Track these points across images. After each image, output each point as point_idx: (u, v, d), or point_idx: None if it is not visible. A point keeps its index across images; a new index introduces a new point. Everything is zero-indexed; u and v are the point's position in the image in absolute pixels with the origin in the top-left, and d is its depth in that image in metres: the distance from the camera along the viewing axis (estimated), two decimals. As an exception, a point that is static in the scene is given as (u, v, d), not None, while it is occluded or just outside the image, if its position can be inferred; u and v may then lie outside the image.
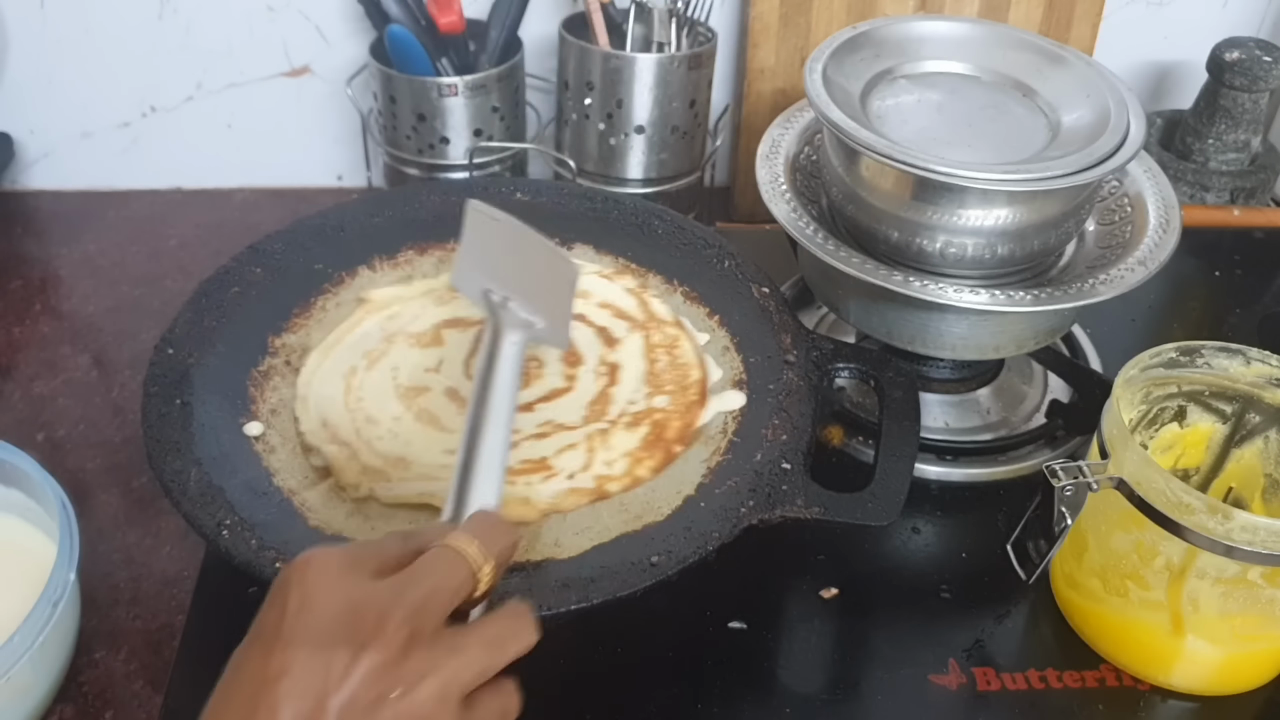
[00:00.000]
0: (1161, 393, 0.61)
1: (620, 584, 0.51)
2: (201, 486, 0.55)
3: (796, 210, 0.67)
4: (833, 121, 0.63)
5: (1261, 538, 0.51)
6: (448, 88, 0.86)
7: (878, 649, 0.61)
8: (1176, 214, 0.68)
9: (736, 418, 0.62)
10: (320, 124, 1.00)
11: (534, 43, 0.93)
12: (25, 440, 0.73)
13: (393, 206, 0.73)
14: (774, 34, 0.94)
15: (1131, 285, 0.63)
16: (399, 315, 0.68)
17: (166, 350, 0.61)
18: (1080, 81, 0.67)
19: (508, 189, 0.75)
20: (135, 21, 0.93)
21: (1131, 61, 1.06)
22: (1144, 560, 0.55)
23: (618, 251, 0.73)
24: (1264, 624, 0.55)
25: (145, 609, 0.63)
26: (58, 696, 0.58)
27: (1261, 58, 0.91)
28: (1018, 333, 0.67)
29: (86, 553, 0.65)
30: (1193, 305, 0.88)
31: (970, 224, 0.63)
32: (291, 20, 0.94)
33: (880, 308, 0.67)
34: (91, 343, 0.82)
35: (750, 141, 0.98)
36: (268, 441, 0.60)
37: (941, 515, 0.68)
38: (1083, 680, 0.59)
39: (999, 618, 0.62)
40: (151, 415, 0.58)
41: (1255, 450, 0.62)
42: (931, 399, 0.73)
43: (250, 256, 0.68)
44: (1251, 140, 0.96)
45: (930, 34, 0.71)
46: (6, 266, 0.89)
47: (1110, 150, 0.62)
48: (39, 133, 0.98)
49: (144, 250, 0.92)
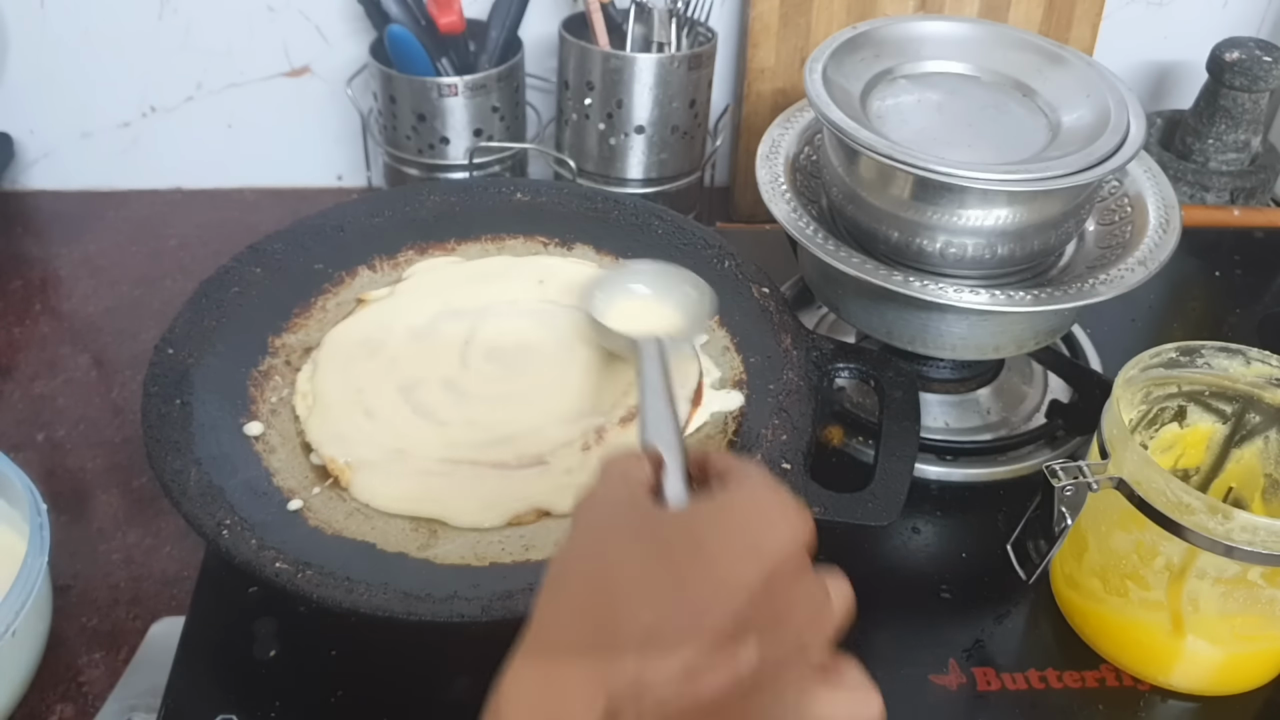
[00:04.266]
0: (1161, 393, 0.61)
1: (620, 584, 0.51)
2: (201, 486, 0.54)
3: (796, 210, 0.67)
4: (833, 121, 0.63)
5: (1261, 538, 0.51)
6: (448, 88, 0.86)
7: (878, 649, 0.61)
8: (1176, 214, 0.68)
9: (736, 418, 0.62)
10: (320, 124, 1.00)
11: (534, 43, 0.93)
12: (25, 440, 0.73)
13: (393, 206, 0.73)
14: (774, 34, 0.94)
15: (1131, 285, 0.63)
16: (397, 308, 0.68)
17: (166, 350, 0.61)
18: (1080, 81, 0.67)
19: (508, 189, 0.75)
20: (135, 22, 0.93)
21: (1131, 61, 1.06)
22: (1144, 560, 0.55)
23: (618, 252, 0.72)
24: (1264, 624, 0.55)
25: (145, 609, 0.63)
26: (58, 696, 0.58)
27: (1261, 58, 0.91)
28: (1018, 333, 0.67)
29: (86, 552, 0.66)
30: (1193, 305, 0.88)
31: (970, 224, 0.63)
32: (291, 20, 0.94)
33: (880, 308, 0.67)
34: (91, 343, 0.82)
35: (750, 141, 0.98)
36: (268, 441, 0.60)
37: (941, 515, 0.68)
38: (1083, 680, 0.59)
39: (999, 618, 0.62)
40: (151, 415, 0.58)
41: (1255, 450, 0.62)
42: (931, 399, 0.73)
43: (250, 256, 0.68)
44: (1251, 140, 0.96)
45: (930, 34, 0.71)
46: (6, 266, 0.90)
47: (1110, 150, 0.62)
48: (39, 133, 0.98)
49: (144, 250, 0.92)
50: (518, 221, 0.73)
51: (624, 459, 0.41)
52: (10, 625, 0.54)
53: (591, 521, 0.39)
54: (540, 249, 0.73)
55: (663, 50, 0.88)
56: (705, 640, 0.34)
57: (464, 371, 0.63)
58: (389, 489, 0.57)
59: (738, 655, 0.34)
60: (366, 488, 0.57)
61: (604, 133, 0.89)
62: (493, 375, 0.63)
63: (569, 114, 0.90)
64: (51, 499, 0.60)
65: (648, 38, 0.90)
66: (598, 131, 0.89)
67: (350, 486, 0.57)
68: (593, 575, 0.36)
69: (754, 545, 0.36)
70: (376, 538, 0.55)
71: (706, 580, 0.35)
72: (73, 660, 0.60)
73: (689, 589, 0.35)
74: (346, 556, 0.53)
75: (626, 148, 0.89)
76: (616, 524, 0.38)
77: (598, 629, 0.34)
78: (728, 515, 0.38)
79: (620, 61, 0.86)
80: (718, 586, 0.35)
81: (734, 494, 0.39)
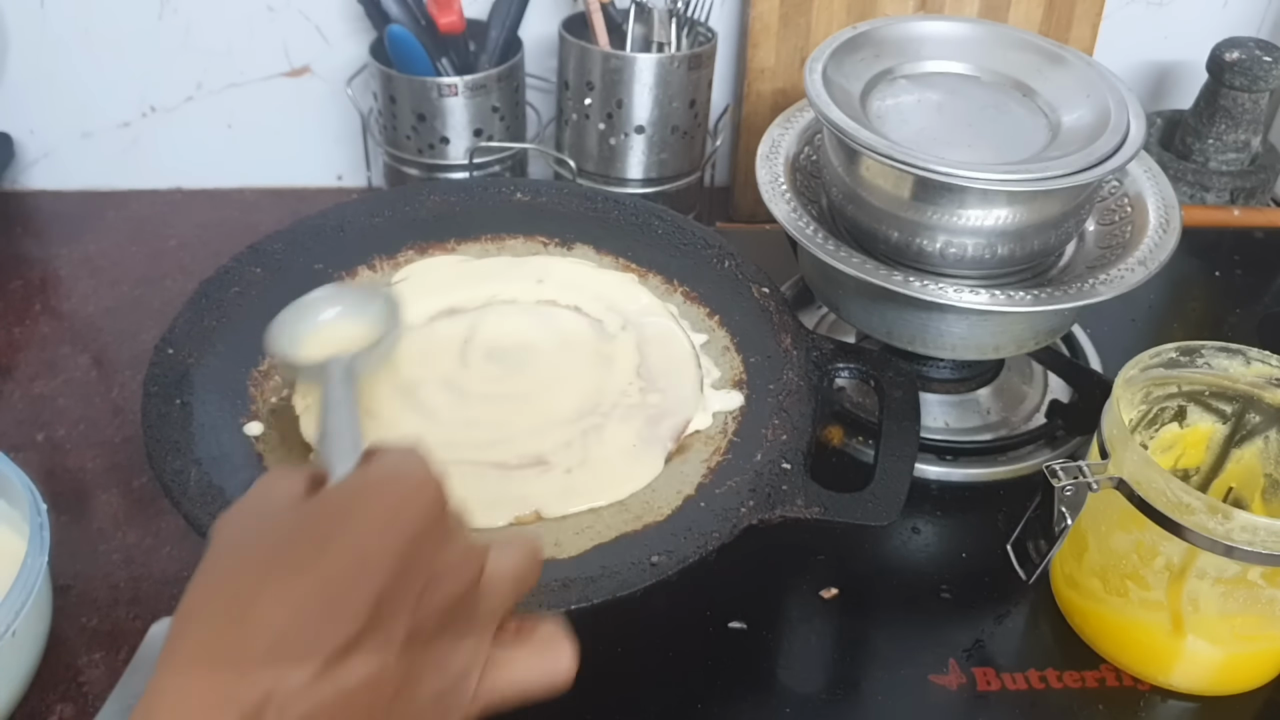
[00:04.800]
0: (1161, 393, 0.61)
1: (620, 584, 0.51)
2: (201, 486, 0.54)
3: (796, 210, 0.67)
4: (833, 121, 0.63)
5: (1261, 538, 0.51)
6: (448, 88, 0.86)
7: (878, 649, 0.61)
8: (1176, 214, 0.68)
9: (736, 418, 0.62)
10: (320, 124, 1.00)
11: (534, 43, 0.93)
12: (25, 440, 0.73)
13: (393, 206, 0.73)
14: (774, 34, 0.94)
15: (1131, 285, 0.63)
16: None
17: (166, 350, 0.61)
18: (1080, 81, 0.67)
19: (508, 189, 0.75)
20: (135, 22, 0.93)
21: (1131, 61, 1.06)
22: (1144, 560, 0.55)
23: (618, 252, 0.72)
24: (1264, 624, 0.55)
25: (145, 609, 0.63)
26: (58, 696, 0.58)
27: (1261, 58, 0.91)
28: (1018, 333, 0.67)
29: (86, 552, 0.66)
30: (1193, 305, 0.88)
31: (970, 224, 0.63)
32: (291, 20, 0.94)
33: (880, 308, 0.67)
34: (91, 343, 0.82)
35: (750, 141, 0.98)
36: (268, 441, 0.60)
37: (941, 515, 0.68)
38: (1083, 680, 0.59)
39: (999, 618, 0.62)
40: (151, 415, 0.57)
41: (1255, 450, 0.62)
42: (931, 399, 0.73)
43: (250, 256, 0.68)
44: (1251, 140, 0.96)
45: (930, 34, 0.71)
46: (6, 266, 0.89)
47: (1110, 150, 0.62)
48: (39, 133, 0.98)
49: (144, 250, 0.92)
50: (518, 221, 0.73)
51: (273, 474, 0.39)
52: (10, 625, 0.54)
53: (226, 530, 0.36)
54: (540, 249, 0.73)
55: (663, 50, 0.88)
56: (345, 630, 0.32)
57: (463, 371, 0.63)
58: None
59: (387, 638, 0.33)
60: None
61: (604, 133, 0.89)
62: (492, 375, 0.63)
63: (569, 114, 0.90)
64: (51, 499, 0.60)
65: (648, 38, 0.90)
66: (598, 131, 0.89)
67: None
68: (222, 581, 0.34)
69: (388, 518, 0.34)
70: (376, 538, 0.55)
71: (339, 563, 0.33)
72: (73, 660, 0.60)
73: (322, 576, 0.33)
74: (346, 556, 0.53)
75: (626, 148, 0.89)
76: (249, 527, 0.36)
77: (225, 640, 0.32)
78: (358, 495, 0.36)
79: (620, 61, 0.86)
80: (354, 568, 0.33)
81: (365, 471, 0.38)
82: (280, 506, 0.36)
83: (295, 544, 0.34)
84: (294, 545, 0.34)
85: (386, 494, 0.36)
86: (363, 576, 0.33)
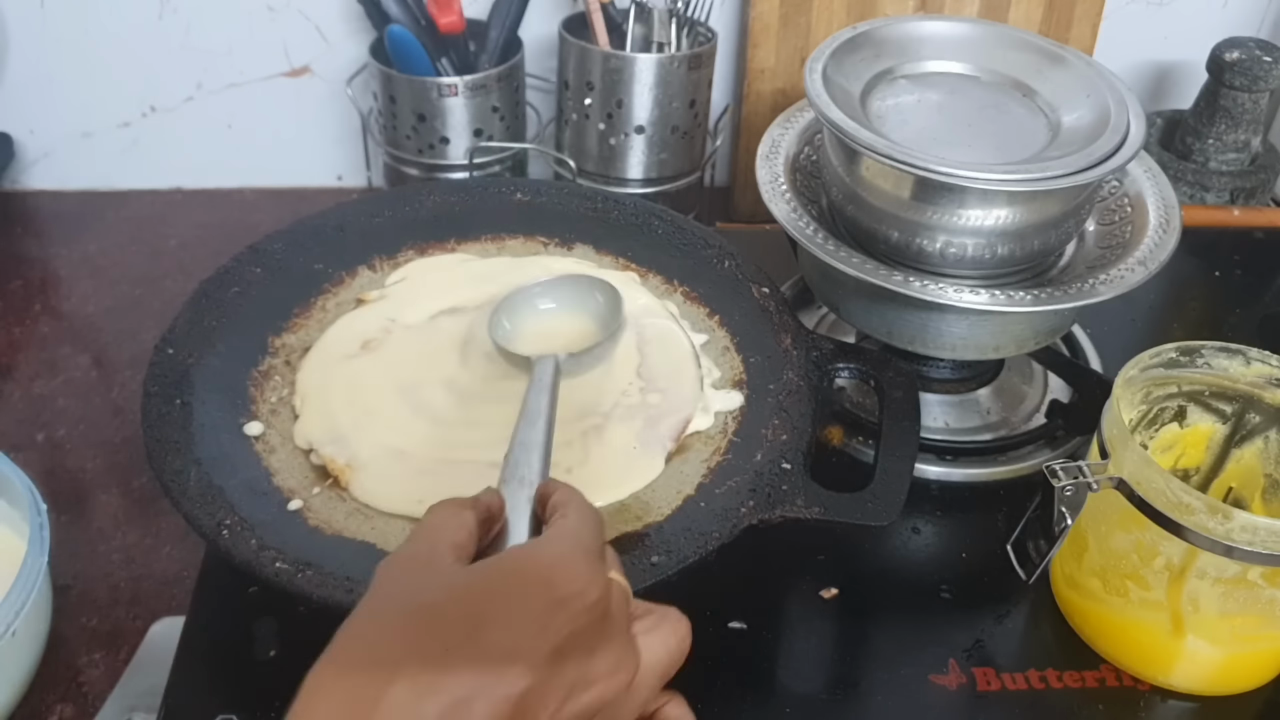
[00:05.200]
0: (1161, 393, 0.61)
1: (620, 584, 0.51)
2: (201, 486, 0.55)
3: (796, 210, 0.67)
4: (833, 121, 0.63)
5: (1261, 538, 0.51)
6: (448, 88, 0.86)
7: (878, 649, 0.61)
8: (1176, 214, 0.68)
9: (736, 418, 0.62)
10: (320, 124, 1.00)
11: (534, 43, 0.93)
12: (25, 440, 0.73)
13: (393, 206, 0.73)
14: (774, 34, 0.94)
15: (1131, 285, 0.63)
16: (396, 306, 0.68)
17: (166, 350, 0.61)
18: (1080, 81, 0.67)
19: (508, 189, 0.75)
20: (135, 21, 0.93)
21: (1131, 61, 1.06)
22: (1144, 560, 0.55)
23: (618, 251, 0.73)
24: (1264, 624, 0.55)
25: (145, 609, 0.63)
26: (58, 696, 0.58)
27: (1261, 58, 0.91)
28: (1018, 333, 0.67)
29: (86, 552, 0.66)
30: (1193, 305, 0.88)
31: (970, 224, 0.63)
32: (291, 20, 0.94)
33: (880, 308, 0.67)
34: (91, 343, 0.82)
35: (750, 141, 0.98)
36: (268, 441, 0.60)
37: (941, 515, 0.68)
38: (1083, 680, 0.59)
39: (999, 618, 0.62)
40: (151, 415, 0.58)
41: (1255, 450, 0.62)
42: (931, 399, 0.73)
43: (250, 256, 0.68)
44: (1251, 140, 0.96)
45: (930, 34, 0.71)
46: (6, 266, 0.90)
47: (1110, 150, 0.62)
48: (39, 133, 0.98)
49: (144, 250, 0.92)
50: (518, 221, 0.73)
51: (442, 512, 0.38)
52: (10, 625, 0.54)
53: (386, 583, 0.36)
54: (540, 249, 0.73)
55: (663, 50, 0.88)
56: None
57: (464, 371, 0.63)
58: (389, 489, 0.57)
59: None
60: (366, 488, 0.57)
61: (604, 133, 0.89)
62: (493, 375, 0.63)
63: (569, 114, 0.90)
64: (51, 499, 0.60)
65: (648, 38, 0.90)
66: (598, 131, 0.89)
67: (350, 486, 0.57)
68: (365, 653, 0.33)
69: (546, 613, 0.33)
70: (376, 538, 0.55)
71: (487, 654, 0.32)
72: (73, 660, 0.60)
73: (467, 662, 0.32)
74: (346, 556, 0.53)
75: (626, 148, 0.89)
76: (406, 586, 0.35)
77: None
78: (520, 579, 0.34)
79: (620, 61, 0.86)
80: (501, 661, 0.32)
81: (534, 550, 0.36)
82: (443, 563, 0.35)
83: (448, 621, 0.33)
84: (446, 622, 0.33)
85: (550, 584, 0.34)
86: (509, 672, 0.32)
